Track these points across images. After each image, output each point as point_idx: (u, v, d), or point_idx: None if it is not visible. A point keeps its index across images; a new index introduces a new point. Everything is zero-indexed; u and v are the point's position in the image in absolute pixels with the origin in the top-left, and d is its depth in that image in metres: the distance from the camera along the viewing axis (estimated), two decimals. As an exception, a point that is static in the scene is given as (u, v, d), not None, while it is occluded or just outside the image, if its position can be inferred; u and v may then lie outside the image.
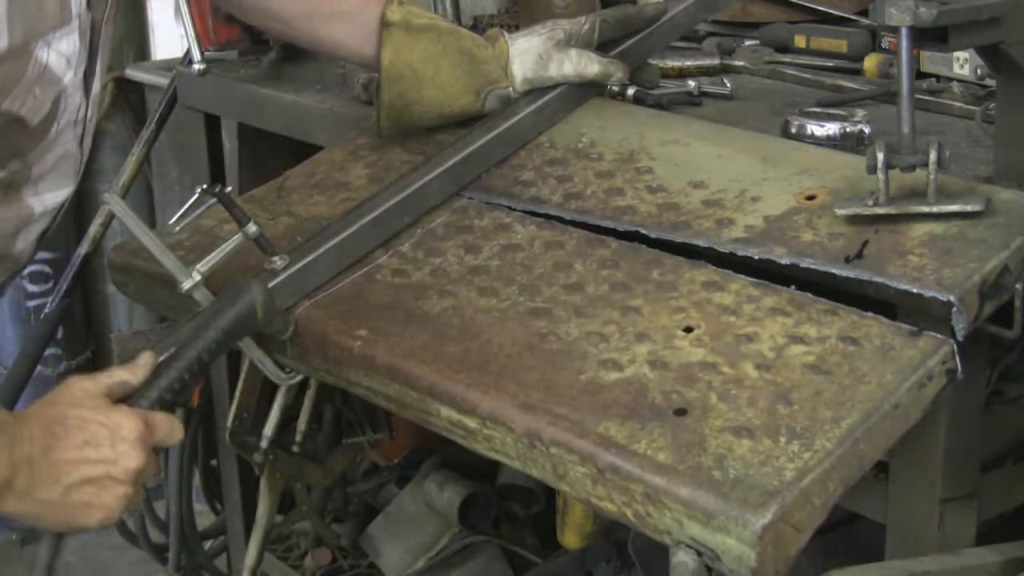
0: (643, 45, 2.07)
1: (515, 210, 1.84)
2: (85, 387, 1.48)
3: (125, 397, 1.51)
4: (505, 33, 2.01)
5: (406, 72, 1.95)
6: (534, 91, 1.99)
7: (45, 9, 1.52)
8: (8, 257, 1.72)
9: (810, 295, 1.55)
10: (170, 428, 1.52)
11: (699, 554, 1.32)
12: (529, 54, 1.97)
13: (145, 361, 1.54)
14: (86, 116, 1.67)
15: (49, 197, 1.68)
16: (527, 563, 2.93)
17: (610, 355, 1.51)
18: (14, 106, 1.54)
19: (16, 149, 1.58)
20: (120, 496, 1.46)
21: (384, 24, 1.94)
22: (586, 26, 2.00)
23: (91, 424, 1.45)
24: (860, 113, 1.94)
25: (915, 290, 1.49)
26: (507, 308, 1.64)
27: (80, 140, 1.68)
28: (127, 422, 1.46)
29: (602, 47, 2.02)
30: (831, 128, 1.90)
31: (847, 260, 1.56)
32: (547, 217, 1.81)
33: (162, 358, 1.57)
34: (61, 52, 1.55)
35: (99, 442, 1.45)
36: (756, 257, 1.61)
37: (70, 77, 1.59)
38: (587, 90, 2.02)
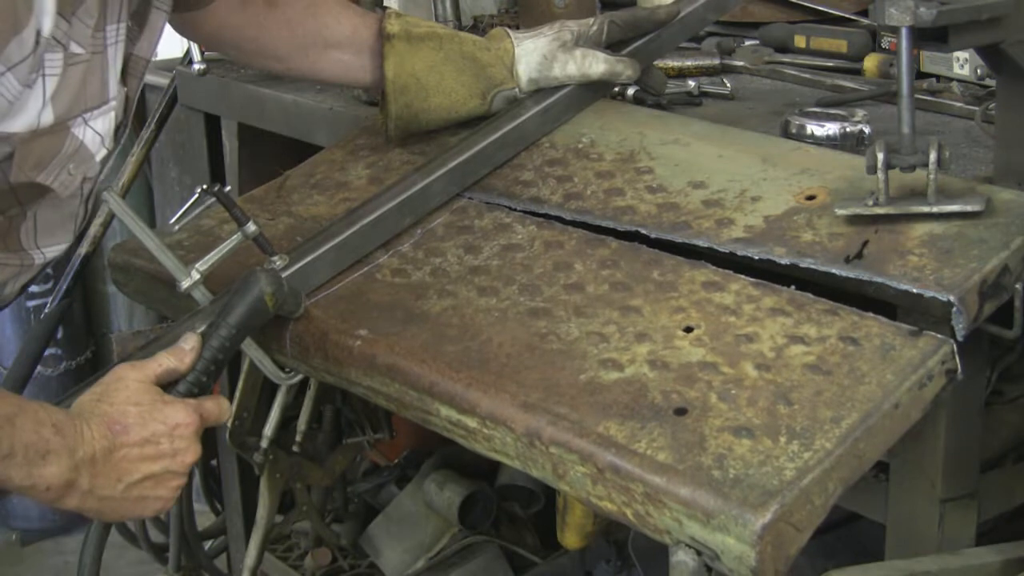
0: (651, 47, 2.06)
1: (515, 210, 1.84)
2: (138, 379, 1.51)
3: (171, 383, 1.56)
4: (511, 33, 2.00)
5: (411, 83, 1.95)
6: (540, 92, 1.98)
7: (88, 88, 1.54)
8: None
9: (810, 295, 1.55)
10: (219, 411, 1.57)
11: (699, 553, 1.32)
12: (534, 55, 1.96)
13: (192, 346, 1.57)
14: (97, 176, 1.69)
15: (49, 251, 1.70)
16: (527, 563, 2.93)
17: (610, 355, 1.51)
18: (48, 180, 1.57)
19: (21, 201, 1.60)
20: (176, 487, 1.54)
21: (385, 37, 1.94)
22: (594, 28, 1.99)
23: (151, 423, 1.49)
24: (860, 113, 1.94)
25: (915, 290, 1.49)
26: (507, 308, 1.64)
27: (86, 199, 1.70)
28: (184, 417, 1.52)
29: (610, 48, 2.01)
30: (831, 128, 1.90)
31: (847, 260, 1.56)
32: (547, 217, 1.81)
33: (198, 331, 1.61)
34: (96, 130, 1.58)
35: (159, 439, 1.50)
36: (756, 257, 1.61)
37: (102, 155, 1.62)
38: (594, 91, 2.02)
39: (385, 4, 2.62)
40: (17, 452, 1.39)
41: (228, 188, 1.71)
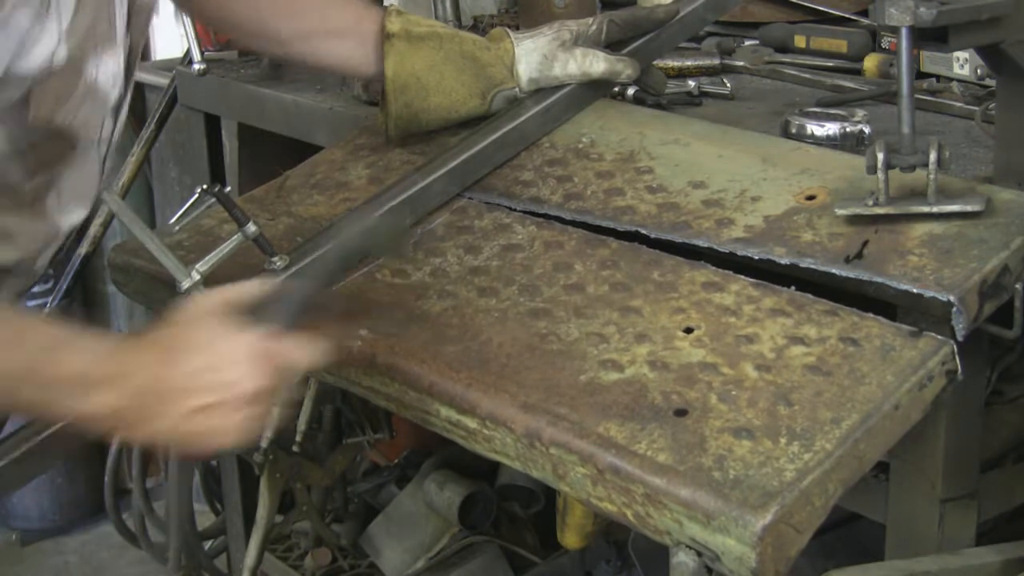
0: (650, 46, 2.06)
1: (515, 210, 1.83)
2: (203, 304, 1.44)
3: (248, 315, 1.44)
4: (511, 33, 2.00)
5: (411, 82, 1.95)
6: (540, 91, 1.98)
7: (97, 29, 1.54)
8: (30, 272, 1.73)
9: (810, 296, 1.55)
10: (299, 352, 1.44)
11: (699, 555, 1.32)
12: (534, 54, 1.96)
13: (272, 283, 1.52)
14: (111, 136, 1.69)
15: (73, 216, 1.69)
16: (527, 563, 2.93)
17: (610, 356, 1.51)
18: (67, 119, 1.56)
19: (46, 162, 1.60)
20: (236, 422, 1.41)
21: (385, 36, 1.94)
22: (593, 27, 1.99)
23: (205, 349, 1.40)
24: (860, 113, 1.94)
25: (915, 290, 1.49)
26: (507, 308, 1.64)
27: (103, 160, 1.70)
28: (248, 347, 1.40)
29: (610, 48, 2.01)
30: (831, 128, 1.90)
31: (847, 260, 1.56)
32: (547, 217, 1.81)
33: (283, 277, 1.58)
34: (107, 72, 1.58)
35: (212, 366, 1.39)
36: (756, 257, 1.61)
37: (115, 96, 1.61)
38: (594, 91, 2.02)
39: (386, 3, 2.62)
40: (64, 383, 1.36)
41: (228, 188, 1.71)
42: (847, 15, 2.50)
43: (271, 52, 2.08)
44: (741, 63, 2.40)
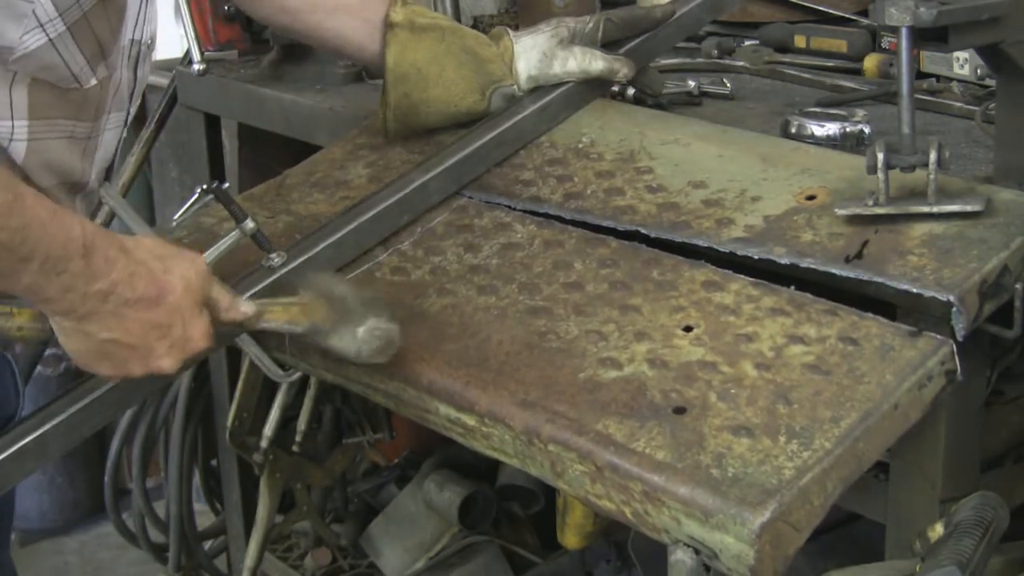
0: (648, 46, 2.06)
1: (515, 209, 1.84)
2: (201, 283, 1.49)
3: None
4: (510, 31, 2.00)
5: (411, 72, 1.95)
6: (538, 90, 1.99)
7: None
8: (92, 193, 1.76)
9: (810, 295, 1.55)
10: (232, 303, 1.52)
11: (697, 552, 1.31)
12: (533, 52, 1.97)
13: (248, 311, 1.55)
14: (141, 40, 1.71)
15: (112, 116, 1.73)
16: (527, 563, 2.93)
17: (609, 353, 1.51)
18: None
19: (100, 46, 1.62)
20: (126, 371, 1.48)
21: (388, 25, 1.94)
22: (590, 25, 2.00)
23: (175, 315, 1.46)
24: (860, 113, 1.94)
25: (915, 290, 1.49)
26: (506, 306, 1.63)
27: (134, 65, 1.73)
28: (198, 332, 1.47)
29: (606, 47, 2.01)
30: (831, 128, 1.90)
31: (847, 260, 1.55)
32: (547, 216, 1.81)
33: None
34: None
35: (168, 326, 1.46)
36: (756, 257, 1.61)
37: None
38: (591, 90, 2.02)
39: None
40: (36, 258, 1.37)
41: (227, 185, 1.71)
42: (847, 15, 2.50)
43: (277, 22, 2.08)
44: (741, 63, 2.40)
